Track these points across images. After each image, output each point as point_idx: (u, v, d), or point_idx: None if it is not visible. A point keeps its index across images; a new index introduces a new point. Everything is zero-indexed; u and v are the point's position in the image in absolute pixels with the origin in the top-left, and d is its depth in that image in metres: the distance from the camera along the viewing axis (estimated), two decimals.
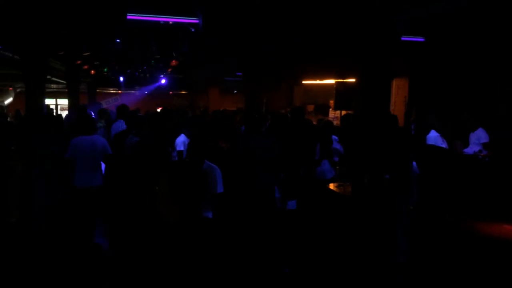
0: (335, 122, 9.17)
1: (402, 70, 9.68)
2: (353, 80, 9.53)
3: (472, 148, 6.96)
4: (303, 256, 4.86)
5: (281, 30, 8.21)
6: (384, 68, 5.09)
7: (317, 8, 7.25)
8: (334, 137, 6.58)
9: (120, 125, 7.36)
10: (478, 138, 6.96)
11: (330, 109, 11.62)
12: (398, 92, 9.93)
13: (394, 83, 9.75)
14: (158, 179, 4.41)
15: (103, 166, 5.82)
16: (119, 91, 23.53)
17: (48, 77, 14.00)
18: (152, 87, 22.07)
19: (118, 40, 10.09)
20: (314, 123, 8.43)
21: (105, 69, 16.05)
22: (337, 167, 6.17)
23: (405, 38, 8.42)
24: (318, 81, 14.11)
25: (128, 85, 21.41)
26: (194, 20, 7.82)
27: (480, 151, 6.80)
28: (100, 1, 7.49)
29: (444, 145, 6.35)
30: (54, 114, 14.52)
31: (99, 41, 10.32)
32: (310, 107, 14.36)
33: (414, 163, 4.92)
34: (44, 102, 9.11)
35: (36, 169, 5.56)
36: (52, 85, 18.34)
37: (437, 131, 6.45)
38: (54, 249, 4.90)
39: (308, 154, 5.95)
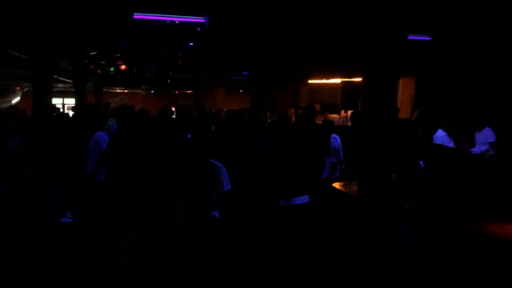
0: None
1: (409, 69, 9.65)
2: (359, 79, 9.50)
3: (479, 148, 6.92)
4: (307, 255, 4.84)
5: (287, 29, 8.21)
6: (390, 67, 5.08)
7: (323, 7, 7.24)
8: (335, 136, 6.60)
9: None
10: (485, 138, 6.93)
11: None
12: (404, 92, 9.89)
13: (401, 82, 9.71)
14: (163, 178, 4.40)
15: None
16: (125, 91, 23.64)
17: (55, 76, 14.09)
18: (157, 86, 22.14)
19: (125, 40, 10.14)
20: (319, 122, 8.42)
21: (112, 69, 16.13)
22: (343, 166, 6.16)
23: (412, 37, 8.38)
24: (324, 81, 14.08)
25: (134, 84, 21.49)
26: (200, 20, 7.84)
27: (487, 150, 6.77)
28: (106, 1, 7.53)
29: (451, 144, 6.31)
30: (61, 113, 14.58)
31: (106, 40, 10.37)
32: (316, 107, 14.33)
33: (421, 162, 4.90)
34: (51, 101, 9.18)
35: (42, 168, 5.57)
36: (59, 84, 18.44)
37: (444, 130, 6.42)
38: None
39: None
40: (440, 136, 6.31)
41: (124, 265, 3.88)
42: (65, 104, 23.18)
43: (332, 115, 11.54)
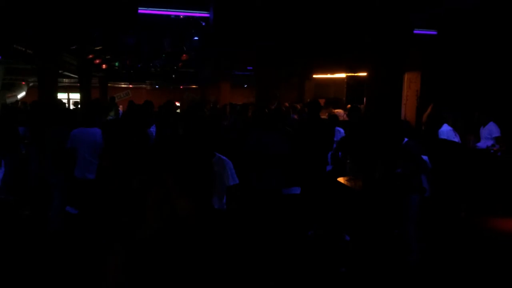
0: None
1: (415, 64, 9.59)
2: (364, 74, 9.46)
3: (485, 143, 6.89)
4: (311, 252, 4.84)
5: (292, 24, 8.17)
6: (396, 61, 5.05)
7: (329, 1, 7.21)
8: (338, 128, 6.59)
9: None
10: (490, 133, 6.89)
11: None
12: (410, 86, 9.84)
13: (406, 77, 9.65)
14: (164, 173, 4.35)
15: None
16: (130, 85, 23.67)
17: (60, 71, 14.13)
18: (162, 81, 22.16)
19: (129, 34, 10.14)
20: (325, 117, 8.43)
21: (116, 63, 16.15)
22: (348, 161, 6.14)
23: (418, 31, 8.33)
24: (329, 75, 14.03)
25: (139, 79, 21.51)
26: (204, 14, 7.84)
27: (493, 145, 6.73)
28: None
29: (456, 139, 6.29)
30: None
31: (111, 35, 10.38)
32: (321, 101, 14.28)
33: (426, 157, 4.87)
34: (57, 96, 9.21)
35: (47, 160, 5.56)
36: (64, 79, 18.50)
37: (449, 125, 6.39)
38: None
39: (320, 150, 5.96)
40: (446, 130, 6.29)
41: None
42: (70, 99, 23.27)
43: (337, 110, 11.52)
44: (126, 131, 4.49)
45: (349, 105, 10.57)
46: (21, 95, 18.47)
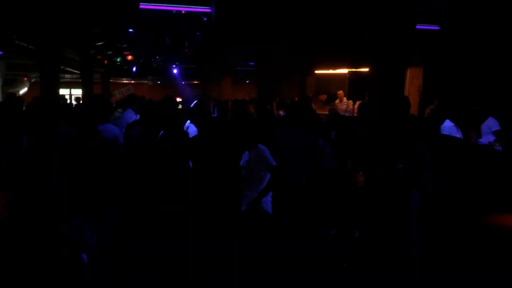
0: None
1: (417, 59, 9.56)
2: (366, 69, 9.43)
3: (487, 138, 6.87)
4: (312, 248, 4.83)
5: (294, 20, 8.14)
6: (398, 57, 5.03)
7: None
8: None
9: (130, 115, 7.20)
10: (488, 127, 6.87)
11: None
12: (412, 82, 9.82)
13: (409, 72, 9.63)
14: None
15: None
16: (132, 81, 23.65)
17: (62, 67, 14.13)
18: (164, 77, 22.15)
19: (131, 30, 10.12)
20: (326, 112, 8.43)
21: (118, 59, 16.14)
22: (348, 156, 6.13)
23: (420, 26, 8.30)
24: (331, 71, 14.00)
25: (141, 75, 21.51)
26: (206, 9, 7.82)
27: (495, 141, 6.71)
28: None
29: (458, 134, 6.27)
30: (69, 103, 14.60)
31: (112, 30, 10.36)
32: (323, 97, 14.28)
33: (428, 153, 4.86)
34: (59, 92, 9.20)
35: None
36: (66, 75, 18.49)
37: (451, 120, 6.37)
38: None
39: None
40: (448, 126, 6.27)
41: None
42: (72, 94, 23.26)
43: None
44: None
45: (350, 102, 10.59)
46: (23, 90, 18.47)
